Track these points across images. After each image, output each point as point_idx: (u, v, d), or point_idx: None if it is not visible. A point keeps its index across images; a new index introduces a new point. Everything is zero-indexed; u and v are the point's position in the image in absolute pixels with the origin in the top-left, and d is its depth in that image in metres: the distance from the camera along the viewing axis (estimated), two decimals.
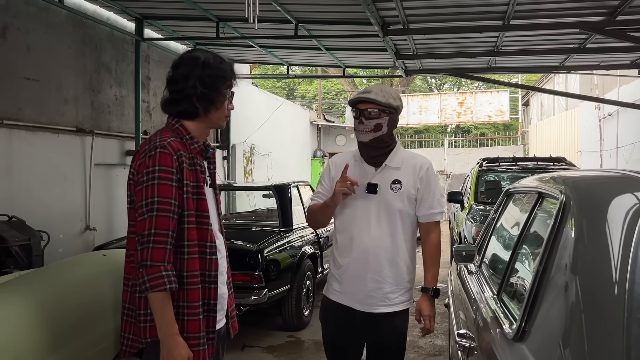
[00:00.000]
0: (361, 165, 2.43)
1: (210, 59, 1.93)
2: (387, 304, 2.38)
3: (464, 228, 6.85)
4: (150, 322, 1.81)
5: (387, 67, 9.78)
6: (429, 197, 2.41)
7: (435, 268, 2.47)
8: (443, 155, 19.71)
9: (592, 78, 14.24)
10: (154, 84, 8.13)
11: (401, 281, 2.41)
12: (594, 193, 1.73)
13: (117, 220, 7.09)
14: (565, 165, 7.56)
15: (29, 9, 5.75)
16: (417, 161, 2.44)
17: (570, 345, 1.29)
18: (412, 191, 2.39)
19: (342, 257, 2.42)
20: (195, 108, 1.90)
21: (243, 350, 4.74)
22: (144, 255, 1.73)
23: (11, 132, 5.50)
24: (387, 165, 2.41)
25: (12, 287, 2.01)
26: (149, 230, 1.75)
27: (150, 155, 1.80)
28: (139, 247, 1.75)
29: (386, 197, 2.36)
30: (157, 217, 1.75)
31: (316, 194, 2.52)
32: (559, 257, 1.53)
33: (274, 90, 25.07)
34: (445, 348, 4.67)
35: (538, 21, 6.47)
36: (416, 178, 2.40)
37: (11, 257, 4.20)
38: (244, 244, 4.97)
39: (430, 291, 2.45)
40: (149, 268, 1.72)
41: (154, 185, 1.77)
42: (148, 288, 1.72)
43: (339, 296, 2.43)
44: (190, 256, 1.84)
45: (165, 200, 1.77)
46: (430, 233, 2.47)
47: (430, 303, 2.46)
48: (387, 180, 2.38)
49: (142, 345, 1.84)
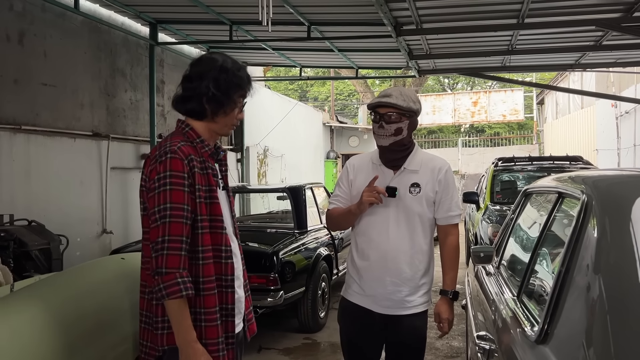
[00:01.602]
0: (379, 168, 2.42)
1: (229, 63, 1.91)
2: (407, 306, 2.38)
3: (480, 228, 6.79)
4: (167, 329, 1.79)
5: (400, 67, 9.75)
6: (447, 199, 2.40)
7: (454, 271, 2.46)
8: (457, 156, 19.60)
9: (608, 75, 14.05)
10: (168, 87, 8.19)
11: (420, 284, 2.40)
12: (616, 193, 1.71)
13: (133, 224, 7.14)
14: (582, 164, 7.46)
15: (45, 16, 5.83)
16: (435, 164, 2.43)
17: (596, 347, 1.27)
18: (431, 194, 2.38)
19: (361, 260, 2.42)
20: (203, 109, 1.88)
21: (259, 352, 4.74)
22: (159, 263, 1.72)
23: (29, 137, 5.57)
24: (405, 168, 2.40)
25: (34, 291, 2.04)
26: (163, 237, 1.73)
27: (161, 161, 1.78)
28: (154, 255, 1.74)
29: (405, 201, 2.35)
30: (170, 223, 1.73)
31: (335, 196, 2.52)
32: (582, 258, 1.51)
33: (286, 92, 25.14)
34: (462, 350, 4.64)
35: (553, 19, 6.40)
36: (435, 181, 2.39)
37: (31, 261, 4.25)
38: (259, 246, 4.98)
39: (449, 294, 2.43)
40: (165, 275, 1.71)
41: (166, 191, 1.75)
42: (164, 295, 1.70)
43: (357, 298, 2.43)
44: (205, 262, 1.82)
45: (177, 206, 1.75)
46: (449, 235, 2.46)
47: (449, 306, 2.45)
48: (406, 184, 2.37)
49: (159, 353, 1.83)
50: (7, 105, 5.34)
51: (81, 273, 2.31)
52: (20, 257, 4.16)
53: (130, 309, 2.16)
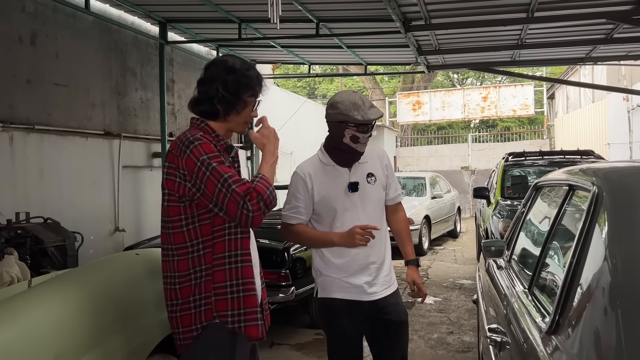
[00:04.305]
0: (333, 169, 2.52)
1: (238, 64, 2.00)
2: (387, 286, 2.55)
3: (491, 224, 6.77)
4: (204, 306, 1.88)
5: (409, 63, 9.73)
6: (394, 181, 2.65)
7: (412, 241, 2.72)
8: (467, 151, 19.52)
9: (619, 69, 13.92)
10: (178, 86, 8.24)
11: (389, 262, 2.60)
12: (627, 184, 1.71)
13: (146, 222, 7.21)
14: (593, 158, 7.40)
15: (56, 16, 5.89)
16: (377, 151, 2.64)
17: (607, 338, 1.28)
18: (383, 179, 2.59)
19: (341, 257, 2.48)
20: (216, 110, 1.98)
21: (272, 348, 4.78)
22: (240, 192, 1.83)
23: (42, 136, 5.64)
24: (357, 162, 2.53)
25: (52, 286, 2.08)
26: (235, 191, 1.83)
27: (192, 149, 1.86)
28: (246, 200, 1.83)
29: (366, 191, 2.52)
30: (234, 189, 1.83)
31: (293, 209, 2.51)
32: (593, 250, 1.52)
33: (294, 89, 25.14)
34: (473, 344, 4.64)
35: (563, 12, 6.36)
36: (382, 166, 2.60)
37: (47, 258, 4.31)
38: (271, 243, 5.00)
39: (415, 262, 2.67)
40: (251, 192, 1.84)
41: (215, 168, 1.85)
42: (263, 185, 1.87)
43: (343, 293, 2.50)
44: (243, 235, 1.95)
45: (231, 174, 1.85)
46: (400, 211, 2.71)
47: (418, 272, 2.68)
48: (363, 176, 2.53)
49: (197, 332, 1.90)
50: (20, 105, 5.41)
51: (98, 268, 2.35)
52: (37, 254, 4.23)
53: (146, 303, 2.20)
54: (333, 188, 2.49)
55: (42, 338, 1.77)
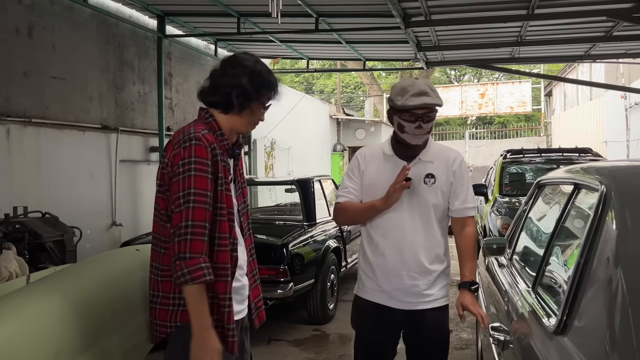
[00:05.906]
0: (392, 159, 2.34)
1: (263, 67, 1.98)
2: (426, 300, 2.30)
3: (489, 221, 6.78)
4: (182, 306, 1.82)
5: (408, 59, 9.71)
6: (462, 191, 2.35)
7: (473, 262, 2.38)
8: (464, 148, 19.55)
9: (617, 67, 13.94)
10: (176, 80, 8.19)
11: (437, 276, 2.33)
12: (635, 183, 1.70)
13: (143, 216, 7.17)
14: (591, 156, 7.42)
15: (54, 9, 5.83)
16: (450, 155, 2.38)
17: (617, 339, 1.27)
18: (445, 185, 2.33)
19: (375, 255, 2.33)
20: (231, 101, 1.91)
21: (269, 344, 4.77)
22: (182, 248, 1.73)
23: (39, 130, 5.59)
24: (420, 159, 2.33)
25: (51, 282, 2.06)
26: (186, 222, 1.75)
27: (185, 147, 1.81)
28: (176, 240, 1.76)
29: (420, 192, 2.29)
30: (193, 208, 1.76)
31: (344, 188, 2.39)
32: (601, 249, 1.50)
33: (292, 84, 25.08)
34: (471, 341, 4.64)
35: (563, 9, 6.35)
36: (449, 172, 2.33)
37: (46, 253, 4.28)
38: (269, 239, 4.99)
39: (469, 285, 2.32)
40: (188, 260, 1.72)
41: (190, 177, 1.78)
42: (188, 280, 1.72)
43: (373, 295, 2.35)
44: (222, 249, 1.85)
45: (201, 192, 1.78)
46: (466, 226, 2.38)
47: (473, 297, 2.32)
48: (421, 174, 2.30)
49: (170, 329, 1.86)
50: (17, 98, 5.36)
51: (97, 264, 2.33)
52: (35, 249, 4.20)
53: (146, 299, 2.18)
54: (383, 177, 2.29)
55: (43, 335, 1.74)
